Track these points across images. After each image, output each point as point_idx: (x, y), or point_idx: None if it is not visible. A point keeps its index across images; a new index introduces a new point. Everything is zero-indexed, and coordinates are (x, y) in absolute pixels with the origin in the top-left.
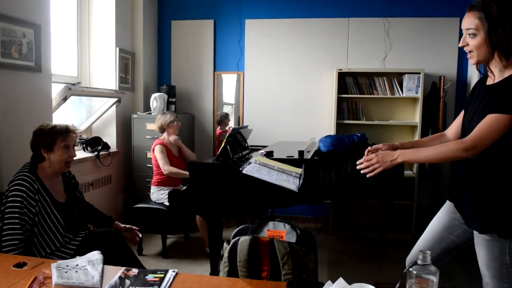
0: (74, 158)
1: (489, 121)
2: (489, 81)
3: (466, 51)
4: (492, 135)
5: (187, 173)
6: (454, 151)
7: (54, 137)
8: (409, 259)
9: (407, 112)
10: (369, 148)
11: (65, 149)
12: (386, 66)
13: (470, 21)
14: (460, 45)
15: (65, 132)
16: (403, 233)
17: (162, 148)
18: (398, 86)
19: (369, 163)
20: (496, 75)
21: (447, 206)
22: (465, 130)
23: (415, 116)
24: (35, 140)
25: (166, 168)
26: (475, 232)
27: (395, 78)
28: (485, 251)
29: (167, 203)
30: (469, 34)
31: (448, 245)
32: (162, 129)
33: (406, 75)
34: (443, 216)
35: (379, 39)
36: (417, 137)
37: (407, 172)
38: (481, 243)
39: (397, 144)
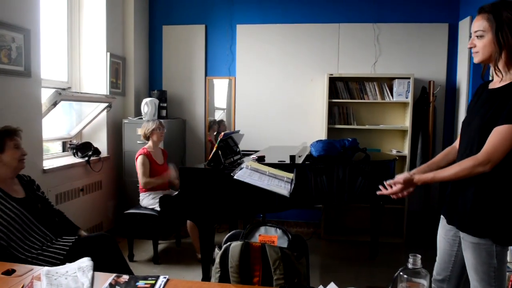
0: (63, 164)
1: (498, 133)
2: (492, 85)
3: (471, 52)
4: (504, 146)
5: (163, 179)
6: (470, 169)
7: (2, 138)
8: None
9: (397, 116)
10: (387, 182)
11: (16, 148)
12: (376, 71)
13: (479, 23)
14: (469, 46)
15: (12, 132)
16: (394, 237)
17: (144, 159)
18: (388, 91)
19: (391, 191)
20: (498, 76)
21: (442, 220)
22: (463, 132)
23: (405, 121)
24: None
25: (142, 181)
26: (462, 237)
27: (386, 83)
28: (472, 255)
29: (158, 209)
30: (477, 36)
31: (456, 259)
32: (146, 137)
33: (396, 80)
34: (441, 232)
35: (369, 45)
36: (407, 141)
37: None
38: (468, 247)
39: (414, 171)
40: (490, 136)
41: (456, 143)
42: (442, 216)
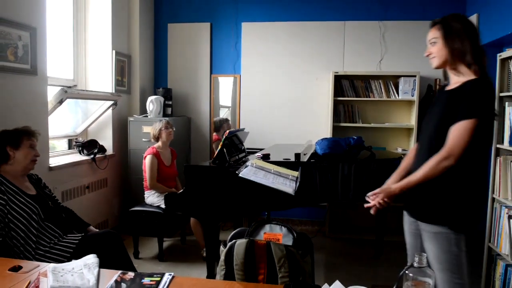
0: (68, 162)
1: (457, 129)
2: (448, 88)
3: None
4: (464, 140)
5: (172, 190)
6: (436, 165)
7: (20, 135)
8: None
9: (403, 114)
10: (368, 194)
11: (31, 148)
12: (382, 69)
13: (432, 33)
14: (425, 55)
15: (30, 132)
16: (399, 235)
17: (153, 160)
18: (394, 89)
19: (373, 203)
20: (453, 79)
21: (404, 216)
22: (423, 131)
23: (411, 119)
24: (0, 138)
25: (151, 183)
26: (422, 229)
27: (391, 81)
28: (433, 244)
29: (163, 206)
30: (431, 43)
31: (421, 251)
32: (156, 138)
33: (402, 78)
34: (406, 227)
35: (375, 42)
36: (413, 139)
37: None
38: (428, 238)
39: (388, 182)
40: (450, 132)
41: (416, 147)
42: (404, 212)
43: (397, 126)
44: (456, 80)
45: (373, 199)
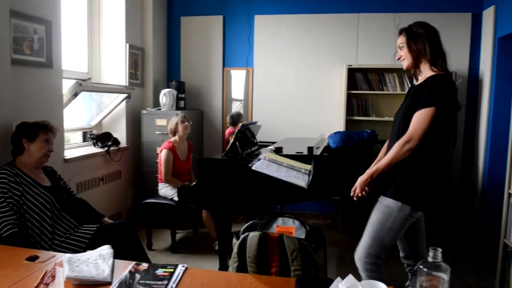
0: (83, 154)
1: (417, 116)
2: (416, 83)
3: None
4: (422, 126)
5: (186, 184)
6: (398, 149)
7: (37, 129)
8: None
9: None
10: (351, 195)
11: (46, 142)
12: (396, 62)
13: (400, 39)
14: (396, 58)
15: (48, 127)
16: None
17: (168, 155)
18: (408, 82)
19: (356, 198)
20: (420, 76)
21: None
22: (394, 121)
23: None
24: (18, 130)
25: (165, 178)
26: (379, 200)
27: (406, 74)
28: (376, 214)
29: (176, 199)
30: (400, 48)
31: (406, 235)
32: (173, 133)
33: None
34: None
35: (389, 35)
36: None
37: None
38: (377, 208)
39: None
40: (412, 119)
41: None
42: None
43: None
44: (421, 77)
45: (353, 194)
